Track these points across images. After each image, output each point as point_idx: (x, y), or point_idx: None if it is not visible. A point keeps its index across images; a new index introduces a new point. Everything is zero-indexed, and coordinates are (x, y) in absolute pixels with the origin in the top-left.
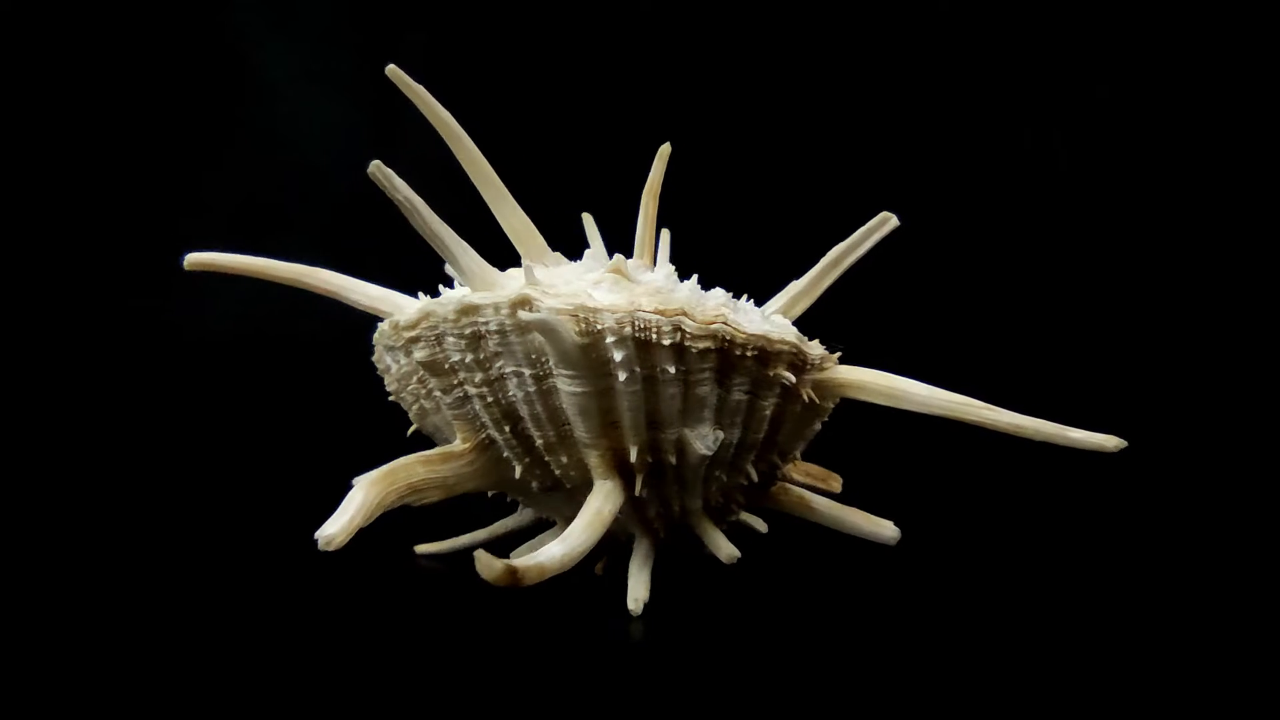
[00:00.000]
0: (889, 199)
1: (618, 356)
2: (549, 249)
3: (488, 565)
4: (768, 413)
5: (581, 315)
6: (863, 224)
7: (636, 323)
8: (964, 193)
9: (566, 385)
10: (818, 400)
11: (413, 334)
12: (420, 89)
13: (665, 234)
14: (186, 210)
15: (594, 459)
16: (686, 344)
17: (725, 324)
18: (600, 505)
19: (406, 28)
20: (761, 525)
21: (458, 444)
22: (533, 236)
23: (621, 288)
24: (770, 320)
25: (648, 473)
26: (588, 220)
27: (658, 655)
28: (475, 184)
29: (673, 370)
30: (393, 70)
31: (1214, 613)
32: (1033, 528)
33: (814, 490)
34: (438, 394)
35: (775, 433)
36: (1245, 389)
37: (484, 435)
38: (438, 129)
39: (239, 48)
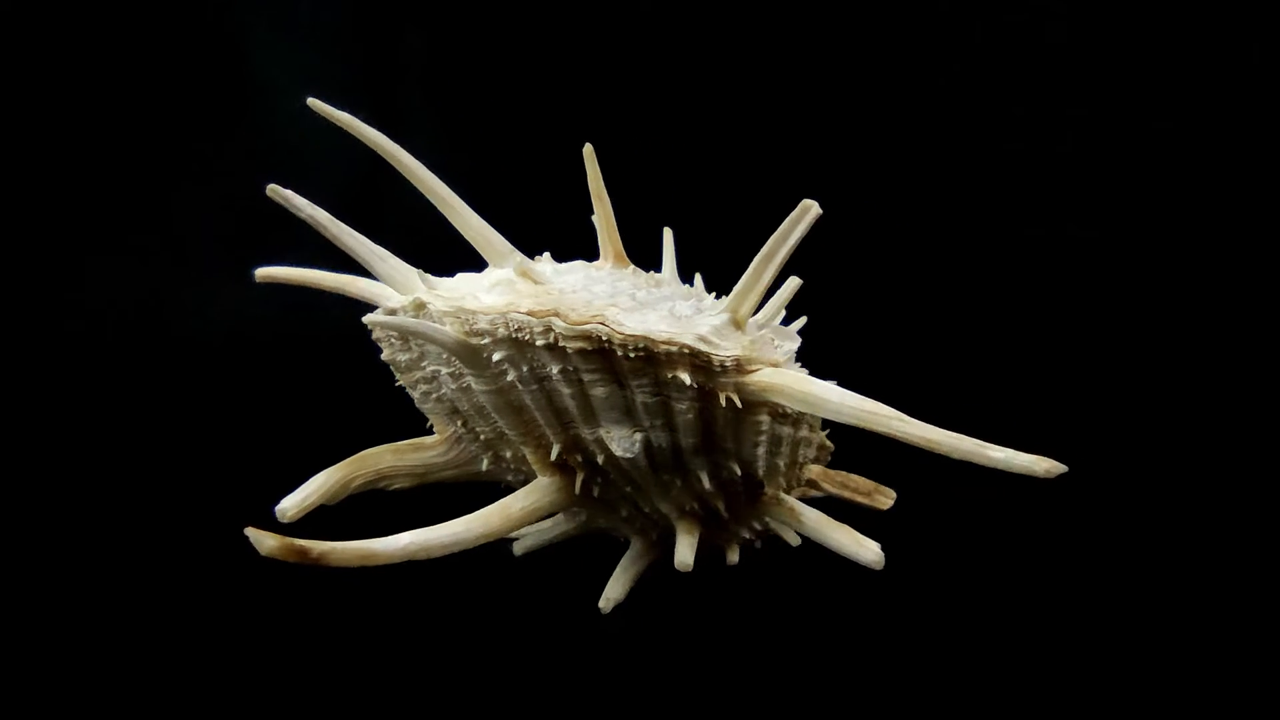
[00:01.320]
0: (895, 193)
1: (496, 356)
2: (511, 251)
3: (258, 541)
4: (689, 416)
5: (463, 317)
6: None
7: (510, 324)
8: (968, 191)
9: (474, 384)
10: (738, 404)
11: (375, 335)
12: (346, 116)
13: (668, 234)
14: (185, 210)
15: (530, 455)
16: (561, 344)
17: (602, 324)
18: (514, 501)
19: (406, 28)
20: (793, 539)
21: (433, 436)
22: (489, 242)
23: (513, 289)
24: (683, 320)
25: (591, 473)
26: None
27: (598, 655)
28: (428, 198)
29: (556, 370)
30: (313, 102)
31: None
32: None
33: (856, 504)
34: (410, 389)
35: (714, 438)
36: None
37: (452, 429)
38: (378, 152)
39: (239, 47)
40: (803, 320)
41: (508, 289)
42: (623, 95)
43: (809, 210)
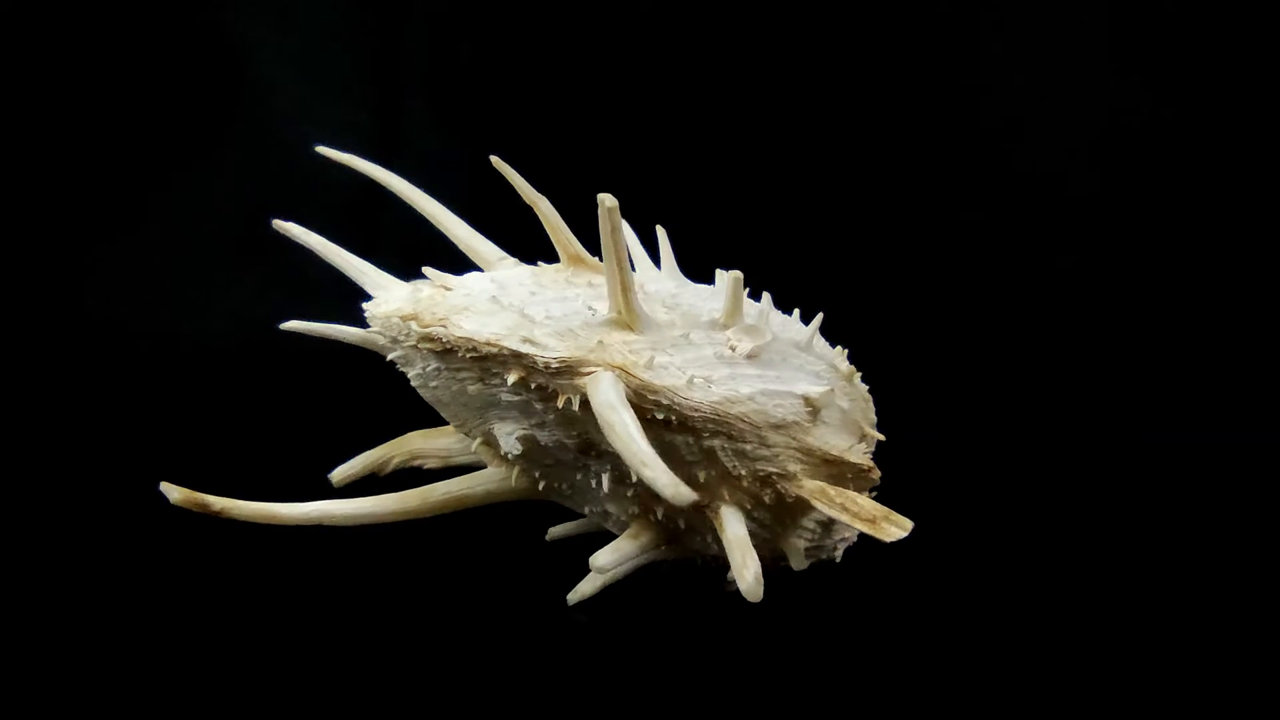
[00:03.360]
0: (896, 194)
1: (390, 356)
2: (502, 257)
3: (167, 492)
4: (550, 416)
5: (374, 322)
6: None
7: (391, 327)
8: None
9: (412, 381)
10: (575, 406)
11: None
12: (348, 156)
13: (663, 232)
14: (186, 210)
15: (474, 445)
16: (419, 345)
17: (443, 326)
18: (441, 485)
19: (406, 28)
20: (797, 563)
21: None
22: (478, 251)
23: (415, 295)
24: (530, 323)
25: (525, 466)
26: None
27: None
28: (424, 216)
29: (432, 368)
30: (322, 149)
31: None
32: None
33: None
34: None
35: (592, 440)
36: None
37: None
38: (377, 181)
39: (239, 47)
40: (820, 318)
41: (412, 295)
42: (630, 97)
43: (605, 204)
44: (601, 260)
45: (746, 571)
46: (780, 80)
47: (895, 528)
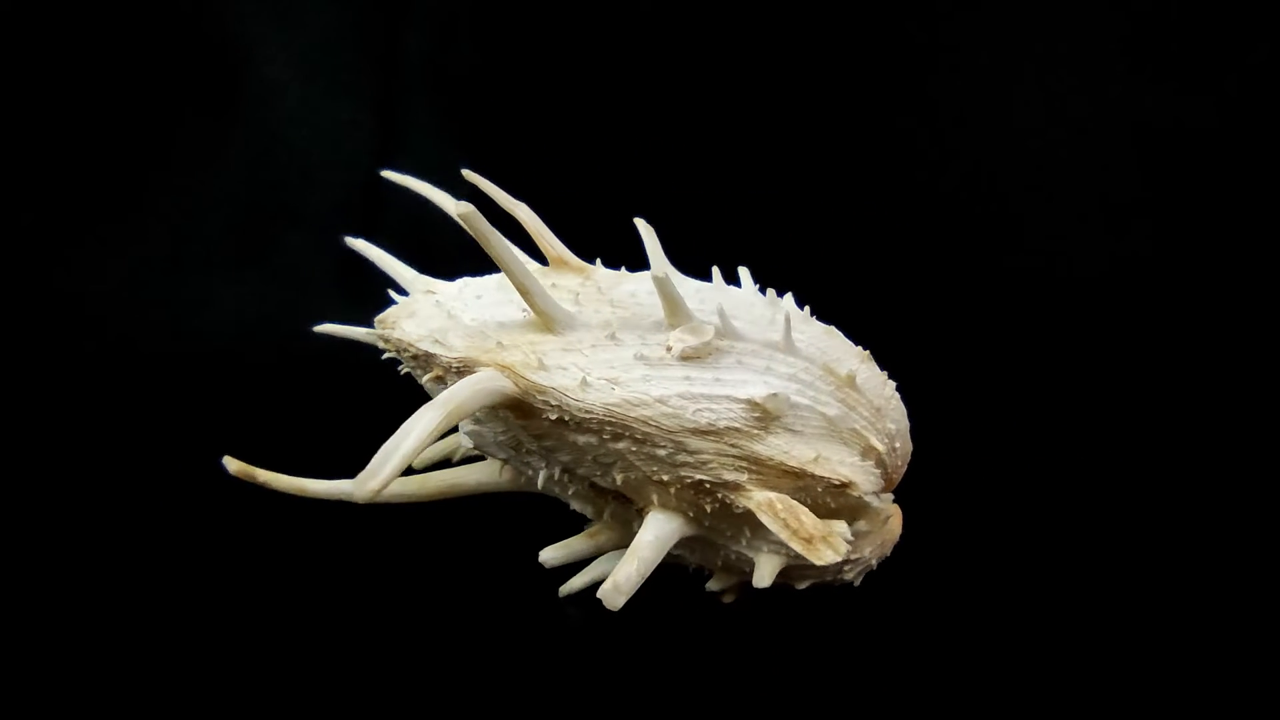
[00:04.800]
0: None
1: (384, 355)
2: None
3: (228, 463)
4: (481, 413)
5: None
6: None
7: (378, 330)
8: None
9: None
10: None
11: None
12: (406, 178)
13: (651, 229)
14: (186, 210)
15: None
16: (383, 344)
17: (393, 328)
18: (440, 472)
19: (406, 28)
20: (760, 580)
21: None
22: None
23: (411, 301)
24: (452, 326)
25: (510, 462)
26: (640, 223)
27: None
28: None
29: (405, 366)
30: (388, 174)
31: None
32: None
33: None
34: None
35: (519, 439)
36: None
37: None
38: (431, 199)
39: (240, 46)
40: (787, 316)
41: (407, 300)
42: (633, 96)
43: (455, 212)
44: (594, 261)
45: (608, 580)
46: (790, 83)
47: (830, 551)
